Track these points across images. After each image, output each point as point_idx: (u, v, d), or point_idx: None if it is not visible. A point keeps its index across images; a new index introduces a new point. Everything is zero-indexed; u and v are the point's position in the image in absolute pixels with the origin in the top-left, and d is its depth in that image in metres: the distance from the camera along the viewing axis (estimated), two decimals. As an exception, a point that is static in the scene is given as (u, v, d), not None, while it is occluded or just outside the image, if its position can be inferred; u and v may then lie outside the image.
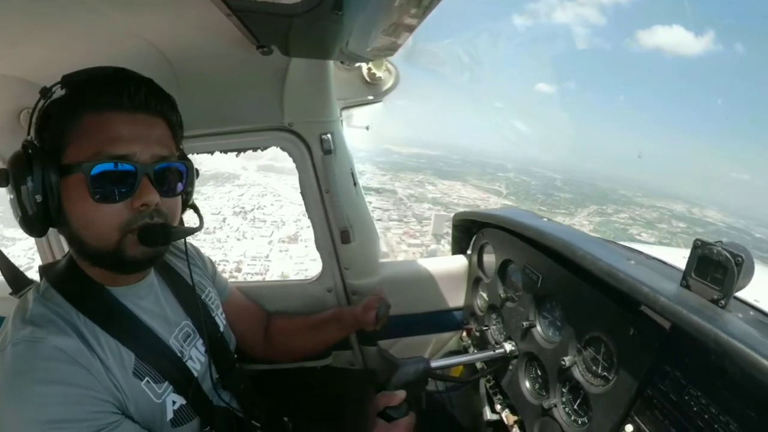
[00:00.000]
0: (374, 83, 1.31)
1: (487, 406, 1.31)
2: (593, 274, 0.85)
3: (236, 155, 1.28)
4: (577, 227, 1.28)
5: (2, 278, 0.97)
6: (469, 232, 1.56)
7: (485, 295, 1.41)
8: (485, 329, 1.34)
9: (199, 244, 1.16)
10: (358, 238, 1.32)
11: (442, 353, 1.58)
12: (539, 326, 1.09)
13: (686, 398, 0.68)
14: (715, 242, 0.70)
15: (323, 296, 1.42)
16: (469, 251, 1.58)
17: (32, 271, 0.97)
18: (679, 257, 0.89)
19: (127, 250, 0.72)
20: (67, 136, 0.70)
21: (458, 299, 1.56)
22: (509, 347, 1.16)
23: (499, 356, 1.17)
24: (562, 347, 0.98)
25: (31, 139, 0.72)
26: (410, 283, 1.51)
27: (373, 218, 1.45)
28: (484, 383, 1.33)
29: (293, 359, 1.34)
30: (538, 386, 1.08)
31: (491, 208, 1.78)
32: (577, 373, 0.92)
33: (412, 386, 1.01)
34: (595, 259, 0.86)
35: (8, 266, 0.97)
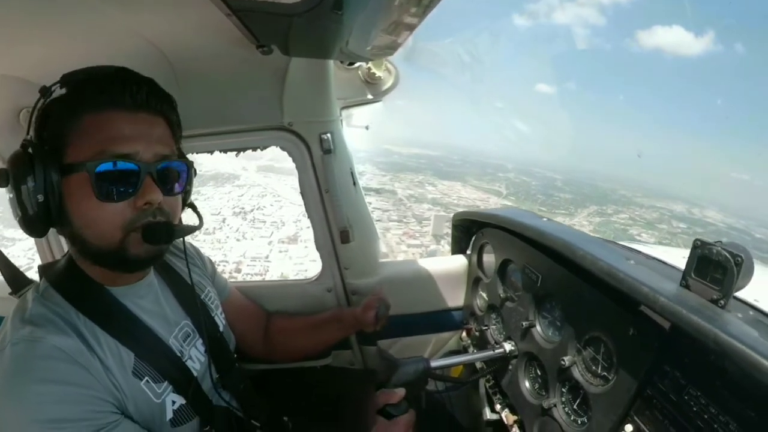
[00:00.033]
0: (374, 83, 1.31)
1: (486, 405, 1.31)
2: (593, 274, 0.85)
3: (236, 155, 1.28)
4: (577, 228, 1.27)
5: (2, 278, 0.97)
6: (468, 231, 1.56)
7: (485, 294, 1.40)
8: (485, 329, 1.34)
9: (198, 244, 1.16)
10: (357, 237, 1.32)
11: (441, 353, 1.58)
12: (539, 326, 1.09)
13: (686, 398, 0.68)
14: (714, 242, 0.70)
15: (323, 296, 1.42)
16: (468, 251, 1.58)
17: (32, 271, 0.97)
18: (678, 257, 0.89)
19: (130, 248, 0.72)
20: (68, 135, 0.70)
21: (458, 299, 1.56)
22: (509, 347, 1.16)
23: (498, 356, 1.17)
24: (561, 347, 0.98)
25: (31, 138, 0.71)
26: (410, 282, 1.51)
27: (372, 218, 1.45)
28: (483, 383, 1.33)
29: (293, 359, 1.34)
30: (537, 386, 1.08)
31: (491, 208, 1.78)
32: (576, 372, 0.92)
33: (412, 386, 1.01)
34: (594, 259, 0.86)
35: (8, 266, 0.97)
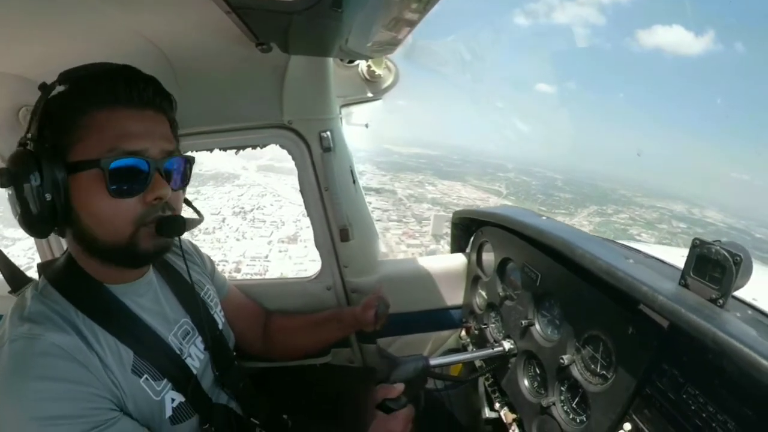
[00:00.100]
0: (374, 81, 1.30)
1: (485, 404, 1.32)
2: (592, 272, 0.85)
3: (236, 153, 1.28)
4: (576, 227, 1.27)
5: (1, 277, 0.97)
6: (468, 230, 1.56)
7: (484, 293, 1.40)
8: (484, 327, 1.34)
9: (198, 244, 1.16)
10: (357, 236, 1.32)
11: (441, 351, 1.58)
12: (538, 324, 1.09)
13: (684, 397, 0.68)
14: (713, 241, 0.70)
15: (322, 294, 1.42)
16: (468, 249, 1.58)
17: (32, 271, 0.97)
18: (677, 256, 0.89)
19: (140, 243, 0.73)
20: (73, 132, 0.70)
21: (457, 297, 1.56)
22: (508, 345, 1.17)
23: (497, 354, 1.18)
24: (560, 346, 0.98)
25: (33, 136, 0.70)
26: (409, 281, 1.51)
27: (372, 216, 1.45)
28: (482, 381, 1.33)
29: (292, 357, 1.34)
30: (536, 384, 1.08)
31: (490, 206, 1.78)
32: (575, 371, 0.92)
33: (411, 384, 1.01)
34: (594, 257, 0.86)
35: (7, 264, 0.96)
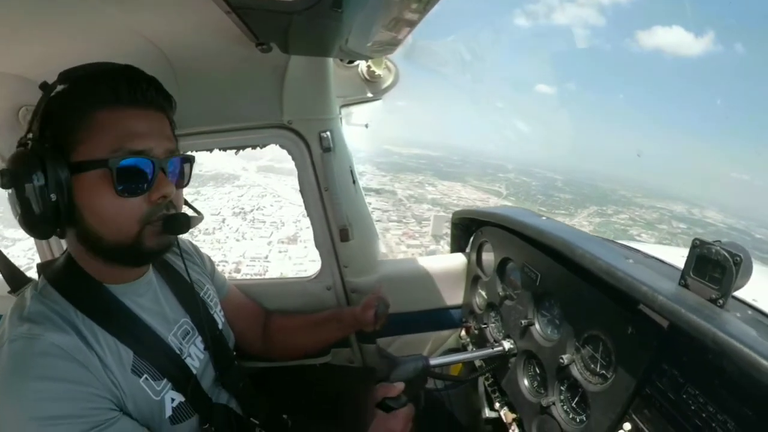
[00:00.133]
0: (374, 81, 1.30)
1: (485, 403, 1.32)
2: (592, 272, 0.85)
3: (235, 153, 1.28)
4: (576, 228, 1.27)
5: (0, 277, 0.97)
6: (468, 230, 1.56)
7: (484, 293, 1.40)
8: (484, 327, 1.34)
9: (198, 244, 1.16)
10: (357, 236, 1.32)
11: (440, 351, 1.58)
12: (538, 324, 1.09)
13: (684, 397, 0.68)
14: (713, 242, 0.70)
15: (322, 294, 1.42)
16: (467, 249, 1.58)
17: (32, 271, 0.97)
18: (677, 256, 0.89)
19: (145, 241, 0.74)
20: (78, 132, 0.69)
21: (457, 297, 1.56)
22: (508, 345, 1.17)
23: (497, 354, 1.18)
24: (560, 345, 0.98)
25: (34, 136, 0.70)
26: (409, 280, 1.51)
27: (372, 216, 1.45)
28: (482, 381, 1.33)
29: (292, 357, 1.34)
30: (536, 384, 1.08)
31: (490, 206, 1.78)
32: (575, 371, 0.92)
33: (411, 384, 1.01)
34: (593, 257, 0.86)
35: (6, 264, 0.96)
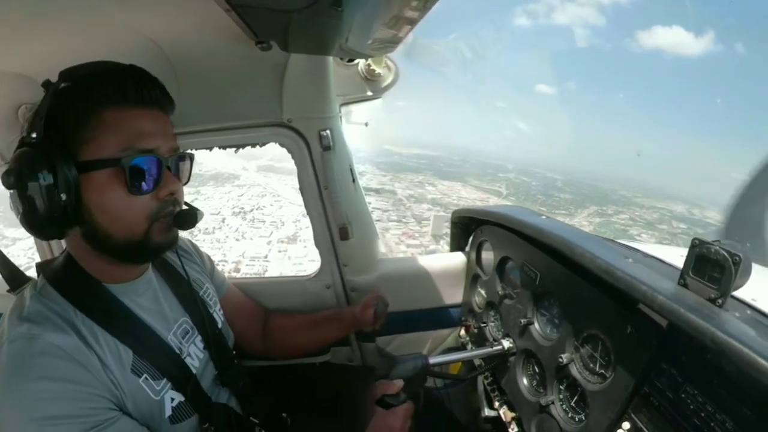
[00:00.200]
0: (374, 79, 1.30)
1: (485, 402, 1.32)
2: (591, 271, 0.85)
3: (235, 151, 1.28)
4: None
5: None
6: (467, 229, 1.56)
7: (483, 292, 1.40)
8: (483, 326, 1.34)
9: (198, 243, 1.16)
10: (356, 234, 1.32)
11: (440, 350, 1.58)
12: (537, 323, 1.09)
13: (683, 396, 0.68)
14: (712, 241, 0.70)
15: (322, 293, 1.42)
16: (467, 248, 1.58)
17: (32, 271, 0.97)
18: (677, 256, 0.89)
19: (153, 237, 0.75)
20: (85, 131, 0.69)
21: (456, 296, 1.56)
22: (507, 344, 1.17)
23: (497, 353, 1.18)
24: (559, 344, 0.98)
25: (38, 135, 0.69)
26: (409, 279, 1.51)
27: (371, 215, 1.45)
28: (482, 380, 1.33)
29: (291, 356, 1.34)
30: (535, 383, 1.08)
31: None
32: (574, 370, 0.92)
33: (410, 382, 1.01)
34: (593, 257, 0.86)
35: (5, 263, 0.97)
